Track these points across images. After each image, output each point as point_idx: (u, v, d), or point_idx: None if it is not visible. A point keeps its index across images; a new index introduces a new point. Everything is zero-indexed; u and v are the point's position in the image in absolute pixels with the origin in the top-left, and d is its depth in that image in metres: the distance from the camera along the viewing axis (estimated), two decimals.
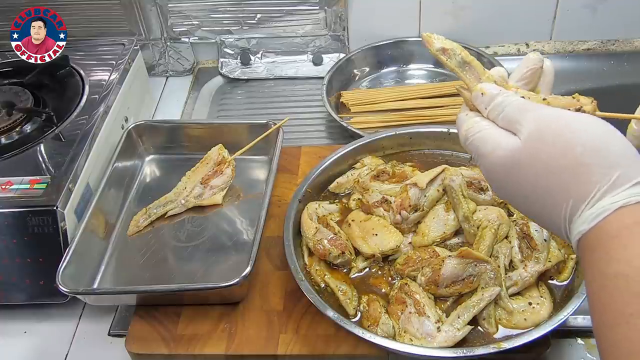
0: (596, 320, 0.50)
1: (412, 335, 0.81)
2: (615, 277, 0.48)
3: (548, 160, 0.53)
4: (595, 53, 1.46)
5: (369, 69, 1.46)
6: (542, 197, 0.54)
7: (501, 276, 0.85)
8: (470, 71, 0.65)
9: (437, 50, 0.66)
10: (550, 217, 0.55)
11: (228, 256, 1.01)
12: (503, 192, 0.60)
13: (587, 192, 0.51)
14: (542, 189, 0.54)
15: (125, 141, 1.15)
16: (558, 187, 0.53)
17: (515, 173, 0.56)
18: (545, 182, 0.54)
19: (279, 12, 1.44)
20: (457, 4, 1.42)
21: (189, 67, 1.54)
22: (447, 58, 0.66)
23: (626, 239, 0.48)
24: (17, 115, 1.13)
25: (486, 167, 0.60)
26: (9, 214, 0.95)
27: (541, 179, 0.54)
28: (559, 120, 0.55)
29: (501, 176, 0.58)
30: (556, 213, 0.54)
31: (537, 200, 0.55)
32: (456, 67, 0.66)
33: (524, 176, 0.55)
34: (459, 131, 0.64)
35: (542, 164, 0.54)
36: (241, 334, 0.89)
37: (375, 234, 0.93)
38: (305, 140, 1.30)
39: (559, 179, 0.53)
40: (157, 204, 1.08)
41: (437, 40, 0.66)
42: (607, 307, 0.48)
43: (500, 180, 0.59)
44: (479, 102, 0.62)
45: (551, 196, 0.54)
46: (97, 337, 0.96)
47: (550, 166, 0.53)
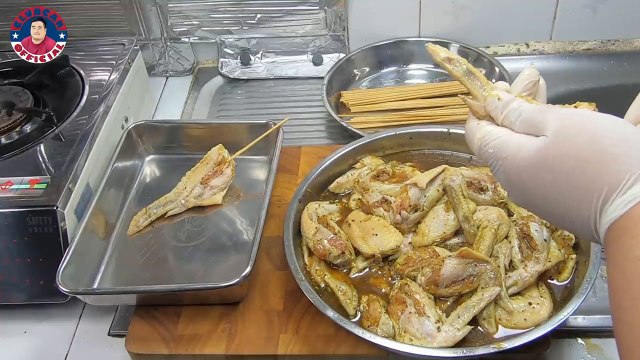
0: (614, 303, 0.51)
1: (412, 335, 0.81)
2: (636, 260, 0.49)
3: (577, 154, 0.54)
4: (595, 53, 1.46)
5: (369, 69, 1.46)
6: (572, 191, 0.55)
7: (501, 276, 0.85)
8: (475, 81, 0.66)
9: (443, 60, 0.68)
10: (579, 212, 0.55)
11: (228, 256, 1.01)
12: (526, 196, 0.60)
13: (619, 180, 0.51)
14: (572, 183, 0.55)
15: (125, 141, 1.15)
16: (589, 179, 0.53)
17: (543, 173, 0.56)
18: (575, 176, 0.54)
19: (279, 12, 1.44)
20: (457, 4, 1.42)
21: (189, 67, 1.54)
22: (452, 67, 0.67)
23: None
24: (17, 115, 1.13)
25: (508, 172, 0.60)
26: (9, 214, 0.95)
27: (571, 173, 0.54)
28: (582, 116, 0.56)
29: (526, 179, 0.58)
30: (585, 206, 0.54)
31: (566, 197, 0.56)
32: (462, 75, 0.67)
33: (553, 174, 0.56)
34: (472, 141, 0.65)
35: (571, 159, 0.54)
36: (241, 334, 0.89)
37: (375, 234, 0.93)
38: (305, 140, 1.29)
39: (589, 171, 0.53)
40: (157, 204, 1.08)
41: (442, 51, 0.68)
42: (626, 289, 0.49)
43: (525, 184, 0.59)
44: (494, 107, 0.63)
45: (581, 189, 0.54)
46: (97, 337, 0.96)
47: (579, 159, 0.54)
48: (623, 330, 0.49)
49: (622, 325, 0.49)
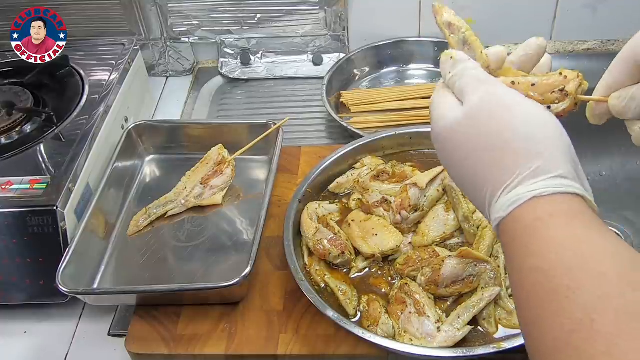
0: (519, 314, 0.49)
1: (412, 335, 0.81)
2: (531, 272, 0.47)
3: (479, 138, 0.53)
4: (595, 53, 1.46)
5: (369, 69, 1.46)
6: (470, 175, 0.54)
7: (501, 276, 0.85)
8: (468, 51, 0.64)
9: (444, 23, 0.65)
10: (475, 198, 0.55)
11: (228, 256, 1.01)
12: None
13: (507, 177, 0.50)
14: (470, 167, 0.54)
15: (125, 141, 1.15)
16: (483, 168, 0.52)
17: (450, 146, 0.56)
18: (473, 161, 0.53)
19: (279, 12, 1.44)
20: (457, 4, 1.42)
21: (189, 67, 1.54)
22: (450, 33, 0.65)
23: (540, 231, 0.47)
24: (17, 115, 1.13)
25: (432, 133, 0.59)
26: (9, 214, 0.95)
27: (470, 156, 0.54)
28: (502, 101, 0.54)
29: (440, 145, 0.58)
30: (479, 194, 0.53)
31: (466, 177, 0.55)
32: (456, 44, 0.64)
33: (458, 150, 0.55)
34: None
35: (474, 142, 0.53)
36: (241, 334, 0.89)
37: (375, 234, 0.93)
38: (305, 140, 1.29)
39: (485, 160, 0.52)
40: (157, 204, 1.08)
41: (447, 14, 0.65)
42: (527, 303, 0.47)
43: (440, 149, 0.59)
44: (444, 66, 0.61)
45: (477, 176, 0.53)
46: (97, 337, 0.96)
47: (479, 145, 0.53)
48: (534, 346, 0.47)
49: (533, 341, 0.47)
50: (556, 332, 0.44)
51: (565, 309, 0.43)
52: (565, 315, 0.43)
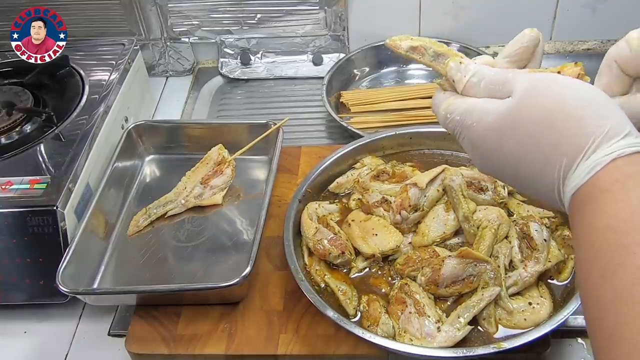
0: (582, 276, 0.50)
1: (412, 335, 0.81)
2: (602, 230, 0.48)
3: (542, 116, 0.53)
4: (595, 53, 1.46)
5: (369, 69, 1.46)
6: (536, 156, 0.53)
7: (501, 276, 0.85)
8: (444, 62, 0.63)
9: (407, 51, 0.65)
10: (544, 179, 0.54)
11: (228, 256, 1.01)
12: (491, 162, 0.58)
13: (582, 144, 0.50)
14: (536, 147, 0.53)
15: (125, 141, 1.15)
16: (553, 143, 0.52)
17: (508, 136, 0.55)
18: (539, 140, 0.53)
19: (279, 12, 1.44)
20: (457, 4, 1.42)
21: (189, 67, 1.54)
22: (419, 56, 0.64)
23: (617, 193, 0.48)
24: (17, 115, 1.13)
25: (473, 138, 0.58)
26: (9, 214, 0.95)
27: (535, 136, 0.53)
28: (548, 78, 0.55)
29: (491, 144, 0.57)
30: (549, 173, 0.53)
31: (531, 162, 0.54)
32: (431, 61, 0.64)
33: (517, 137, 0.54)
34: (437, 112, 0.63)
35: (536, 122, 0.53)
36: (241, 334, 0.89)
37: (375, 234, 0.93)
38: (305, 140, 1.30)
39: (553, 134, 0.52)
40: (157, 204, 1.08)
41: (404, 41, 0.65)
42: (594, 260, 0.48)
43: (490, 149, 0.57)
44: (455, 71, 0.60)
45: (545, 154, 0.53)
46: (97, 337, 0.96)
47: (544, 122, 0.52)
48: (591, 301, 0.48)
49: (591, 297, 0.48)
50: (617, 284, 0.45)
51: (628, 264, 0.45)
52: (628, 269, 0.45)
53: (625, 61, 0.59)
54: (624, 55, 0.59)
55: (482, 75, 0.59)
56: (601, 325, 0.46)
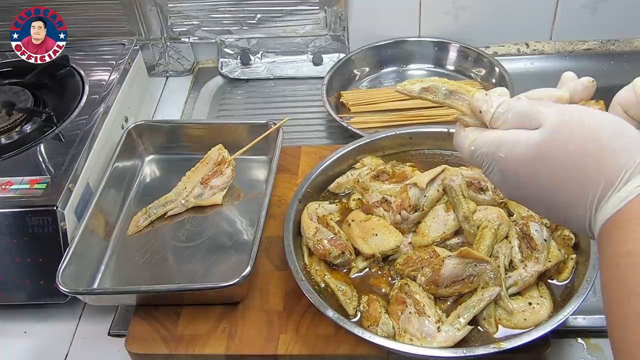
0: (607, 297, 0.51)
1: (412, 335, 0.81)
2: (628, 255, 0.49)
3: (576, 148, 0.54)
4: (595, 53, 1.46)
5: (369, 69, 1.46)
6: (569, 187, 0.54)
7: (501, 276, 0.85)
8: (459, 99, 0.65)
9: (420, 93, 0.66)
10: (575, 209, 0.55)
11: (228, 256, 1.01)
12: (521, 192, 0.60)
13: (615, 175, 0.51)
14: (569, 178, 0.54)
15: (125, 141, 1.15)
16: (586, 174, 0.53)
17: (541, 167, 0.56)
18: (573, 171, 0.54)
19: (279, 12, 1.44)
20: (457, 4, 1.42)
21: (189, 67, 1.54)
22: (432, 95, 0.65)
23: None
24: (17, 115, 1.13)
25: (504, 170, 0.59)
26: (9, 214, 0.95)
27: (569, 167, 0.54)
28: (581, 111, 0.56)
29: (523, 175, 0.57)
30: (582, 203, 0.54)
31: (563, 193, 0.55)
32: (445, 99, 0.65)
33: (551, 168, 0.55)
34: (462, 148, 0.64)
35: (570, 153, 0.54)
36: (241, 334, 0.89)
37: (375, 234, 0.93)
38: (305, 140, 1.30)
39: (587, 166, 0.53)
40: (157, 204, 1.08)
41: (415, 84, 0.66)
42: (619, 283, 0.49)
43: (521, 180, 0.58)
44: (482, 102, 0.61)
45: (579, 184, 0.54)
46: (97, 337, 0.96)
47: (578, 154, 0.53)
48: (616, 321, 0.49)
49: (615, 317, 0.49)
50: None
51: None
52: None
53: (630, 106, 0.60)
54: (630, 101, 0.60)
55: (510, 105, 0.59)
56: (625, 345, 0.48)
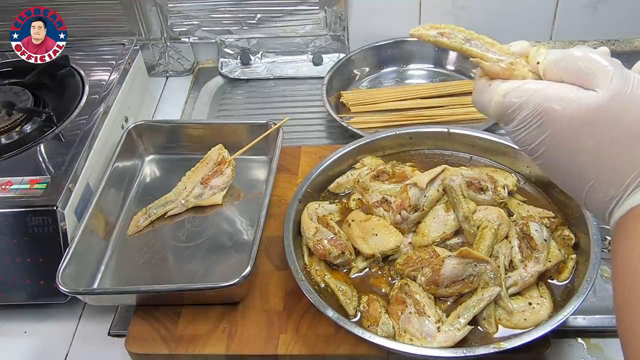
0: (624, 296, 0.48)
1: (412, 335, 0.81)
2: None
3: (630, 124, 0.50)
4: None
5: (369, 69, 1.46)
6: (607, 163, 0.51)
7: (501, 276, 0.85)
8: (477, 45, 0.60)
9: (436, 37, 0.60)
10: (606, 187, 0.51)
11: (228, 256, 1.01)
12: (555, 156, 0.54)
13: None
14: (612, 154, 0.51)
15: (125, 141, 1.15)
16: (630, 155, 0.50)
17: (587, 132, 0.51)
18: (619, 148, 0.50)
19: (279, 12, 1.44)
20: (457, 4, 1.42)
21: (189, 67, 1.54)
22: (450, 40, 0.60)
23: None
24: (17, 115, 1.13)
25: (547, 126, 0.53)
26: (9, 214, 0.95)
27: (616, 143, 0.50)
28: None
29: (564, 137, 0.52)
30: (616, 183, 0.51)
31: (599, 166, 0.51)
32: (463, 44, 0.60)
33: (597, 136, 0.51)
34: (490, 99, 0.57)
35: (623, 128, 0.50)
36: (241, 334, 0.89)
37: (375, 234, 0.93)
38: (305, 140, 1.30)
39: (634, 147, 0.50)
40: (157, 204, 1.08)
41: (431, 29, 0.61)
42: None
43: (559, 143, 0.53)
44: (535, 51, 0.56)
45: (618, 163, 0.50)
46: (97, 337, 0.96)
47: (630, 131, 0.50)
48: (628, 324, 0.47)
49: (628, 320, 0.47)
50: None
51: None
52: None
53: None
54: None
55: (567, 55, 0.53)
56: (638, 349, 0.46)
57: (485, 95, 0.58)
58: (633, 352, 0.47)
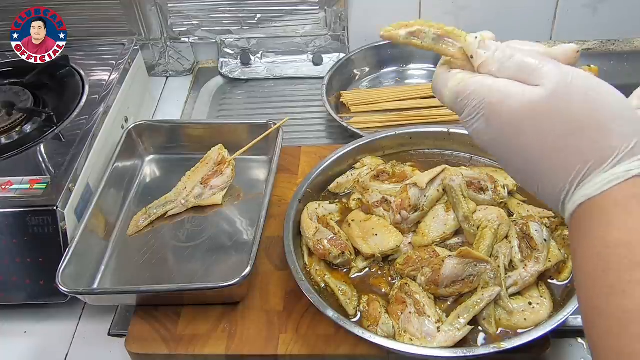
0: (587, 291, 0.48)
1: (412, 335, 0.81)
2: (615, 245, 0.47)
3: (572, 117, 0.51)
4: (595, 53, 1.46)
5: (369, 69, 1.46)
6: (553, 155, 0.51)
7: (501, 276, 0.85)
8: (448, 44, 0.59)
9: (406, 38, 0.59)
10: (554, 179, 0.52)
11: (228, 256, 1.01)
12: (503, 147, 0.55)
13: (606, 156, 0.49)
14: (556, 147, 0.51)
15: (125, 141, 1.15)
16: (575, 148, 0.50)
17: (529, 126, 0.52)
18: (563, 141, 0.51)
19: (279, 12, 1.44)
20: (457, 4, 1.42)
21: (189, 67, 1.54)
22: (420, 40, 0.59)
23: (633, 208, 0.47)
24: (17, 115, 1.13)
25: (491, 119, 0.54)
26: (9, 214, 0.95)
27: (559, 136, 0.51)
28: (587, 79, 0.52)
29: (509, 130, 0.53)
30: (563, 175, 0.51)
31: (546, 158, 0.52)
32: (433, 44, 0.59)
33: (539, 130, 0.52)
34: (442, 88, 0.58)
35: (565, 121, 0.51)
36: (241, 334, 0.89)
37: (375, 234, 0.93)
38: (305, 140, 1.30)
39: (578, 139, 0.50)
40: (157, 204, 1.08)
41: (401, 29, 0.60)
42: (603, 275, 0.47)
43: (505, 134, 0.54)
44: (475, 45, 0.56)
45: (564, 156, 0.51)
46: (97, 337, 0.96)
47: (573, 124, 0.50)
48: (596, 321, 0.47)
49: (596, 316, 0.47)
50: (627, 302, 0.44)
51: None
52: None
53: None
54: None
55: (509, 53, 0.55)
56: (607, 343, 0.46)
57: (442, 82, 0.59)
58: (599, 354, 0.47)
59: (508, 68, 0.54)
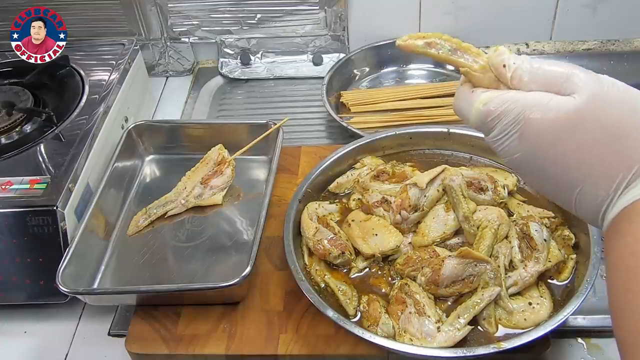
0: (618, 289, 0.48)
1: (412, 335, 0.81)
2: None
3: (612, 124, 0.50)
4: (595, 53, 1.46)
5: (369, 69, 1.46)
6: (595, 163, 0.51)
7: (501, 276, 0.85)
8: (464, 55, 0.60)
9: (423, 47, 0.61)
10: (595, 189, 0.51)
11: (228, 256, 1.01)
12: (537, 163, 0.54)
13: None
14: (597, 155, 0.50)
15: (125, 141, 1.15)
16: (617, 153, 0.50)
17: (568, 137, 0.51)
18: (603, 149, 0.50)
19: (279, 12, 1.44)
20: (457, 4, 1.42)
21: (189, 67, 1.54)
22: (437, 51, 0.60)
23: None
24: (17, 115, 1.13)
25: (527, 135, 0.53)
26: (9, 214, 0.95)
27: (600, 144, 0.50)
28: (617, 84, 0.52)
29: (545, 143, 0.52)
30: (605, 183, 0.50)
31: (587, 167, 0.51)
32: (450, 55, 0.60)
33: (579, 140, 0.51)
34: (469, 107, 0.57)
35: (605, 128, 0.50)
36: (241, 334, 0.89)
37: (375, 234, 0.93)
38: (305, 140, 1.30)
39: (620, 144, 0.50)
40: (157, 204, 1.08)
41: (418, 39, 0.61)
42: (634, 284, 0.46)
43: (541, 148, 0.52)
44: (507, 57, 0.55)
45: (606, 164, 0.50)
46: (97, 337, 0.96)
47: (613, 130, 0.50)
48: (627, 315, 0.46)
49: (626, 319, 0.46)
50: None
51: None
52: None
53: None
54: None
55: (539, 63, 0.54)
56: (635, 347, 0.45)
57: (466, 102, 0.58)
58: (628, 349, 0.46)
59: (541, 80, 0.53)
